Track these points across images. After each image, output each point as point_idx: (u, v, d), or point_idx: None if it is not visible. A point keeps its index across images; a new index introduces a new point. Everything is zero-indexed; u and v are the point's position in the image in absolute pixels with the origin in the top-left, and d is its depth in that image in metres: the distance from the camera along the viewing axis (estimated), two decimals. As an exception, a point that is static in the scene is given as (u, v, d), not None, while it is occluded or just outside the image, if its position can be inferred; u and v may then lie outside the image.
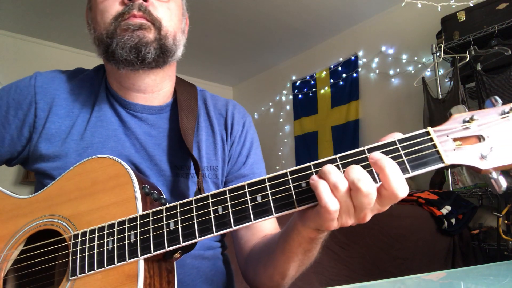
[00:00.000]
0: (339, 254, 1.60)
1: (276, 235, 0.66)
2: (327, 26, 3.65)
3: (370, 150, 0.47)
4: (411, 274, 0.65)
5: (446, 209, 2.12)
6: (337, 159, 0.48)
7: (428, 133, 0.47)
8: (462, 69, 2.42)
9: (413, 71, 3.15)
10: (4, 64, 3.43)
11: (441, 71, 2.76)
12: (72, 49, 3.91)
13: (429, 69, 2.84)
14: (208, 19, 3.42)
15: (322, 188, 0.44)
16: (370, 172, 0.45)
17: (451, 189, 2.39)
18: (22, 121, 0.72)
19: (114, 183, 0.57)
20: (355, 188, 0.43)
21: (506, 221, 2.01)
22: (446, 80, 2.71)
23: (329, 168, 0.45)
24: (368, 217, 0.47)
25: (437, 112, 2.52)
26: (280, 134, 4.40)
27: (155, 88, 0.77)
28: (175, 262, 0.57)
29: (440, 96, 2.63)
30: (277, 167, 4.30)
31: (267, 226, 0.75)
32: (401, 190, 0.43)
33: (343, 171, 0.45)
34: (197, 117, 0.80)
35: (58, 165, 0.69)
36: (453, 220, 2.12)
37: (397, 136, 0.48)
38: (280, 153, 4.36)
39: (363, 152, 0.47)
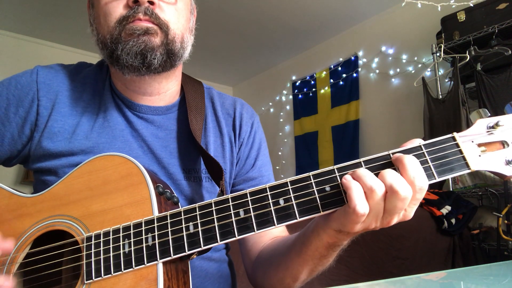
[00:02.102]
0: (339, 254, 1.60)
1: (291, 237, 0.64)
2: (327, 26, 3.65)
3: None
4: (411, 274, 0.65)
5: (446, 209, 2.12)
6: (362, 163, 0.47)
7: (454, 139, 0.47)
8: (462, 69, 2.42)
9: (413, 71, 3.15)
10: (4, 64, 3.43)
11: (441, 71, 2.76)
12: (72, 49, 3.90)
13: (429, 69, 2.84)
14: (208, 19, 3.42)
15: (355, 190, 0.44)
16: None
17: (451, 189, 2.39)
18: (23, 118, 0.68)
19: (127, 183, 0.55)
20: (393, 191, 0.43)
21: (506, 221, 2.01)
22: (446, 80, 2.71)
23: (364, 172, 0.45)
24: (393, 221, 0.46)
25: (437, 112, 2.52)
26: (280, 134, 4.40)
27: (162, 90, 0.74)
28: (189, 262, 0.55)
29: (440, 96, 2.62)
30: (277, 167, 4.30)
31: (275, 228, 0.75)
32: (419, 178, 0.43)
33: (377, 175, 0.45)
34: (205, 118, 0.78)
35: (62, 163, 0.66)
36: (453, 220, 2.12)
37: (417, 142, 0.48)
38: (280, 153, 4.36)
39: (388, 156, 0.47)
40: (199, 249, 0.48)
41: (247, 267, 0.76)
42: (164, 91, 0.75)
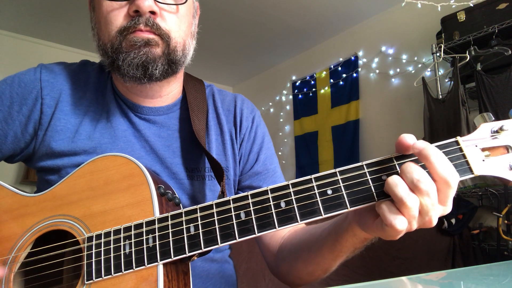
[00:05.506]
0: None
1: (315, 231, 0.64)
2: (327, 26, 3.64)
3: (399, 158, 0.47)
4: (411, 274, 0.65)
5: (446, 209, 2.12)
6: (364, 166, 0.47)
7: (457, 143, 0.46)
8: (462, 69, 2.42)
9: (413, 71, 3.14)
10: (4, 64, 3.43)
11: (441, 71, 2.76)
12: (72, 49, 3.90)
13: (429, 69, 2.84)
14: (208, 19, 3.41)
15: (386, 208, 0.43)
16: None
17: (451, 189, 2.39)
18: (27, 117, 0.68)
19: (129, 183, 0.55)
20: (418, 189, 0.42)
21: (506, 221, 2.01)
22: (446, 80, 2.71)
23: (397, 181, 0.43)
24: (434, 220, 0.45)
25: (437, 112, 2.52)
26: (280, 134, 4.40)
27: (163, 93, 0.75)
28: (190, 263, 0.55)
29: (440, 96, 2.62)
30: (277, 167, 4.29)
31: None
32: (450, 175, 0.42)
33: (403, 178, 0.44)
34: (206, 116, 0.78)
35: (64, 162, 0.67)
36: (453, 220, 2.12)
37: (413, 138, 0.46)
38: (280, 153, 4.36)
39: (391, 160, 0.47)
40: (200, 251, 0.48)
41: (268, 259, 0.76)
42: (166, 93, 0.75)
